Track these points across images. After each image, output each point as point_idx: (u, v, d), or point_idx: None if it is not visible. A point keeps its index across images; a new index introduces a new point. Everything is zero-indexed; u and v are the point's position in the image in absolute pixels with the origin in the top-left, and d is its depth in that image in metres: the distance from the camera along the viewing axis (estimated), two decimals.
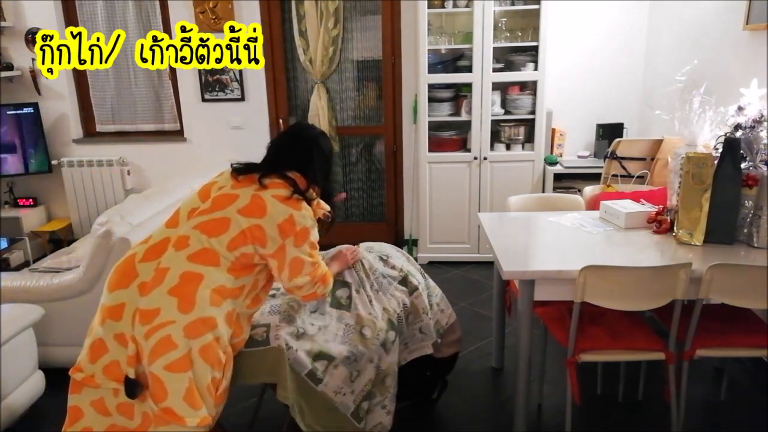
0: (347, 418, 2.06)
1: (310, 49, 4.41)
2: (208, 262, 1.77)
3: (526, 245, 2.40)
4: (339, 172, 4.83)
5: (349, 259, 2.27)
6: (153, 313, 1.70)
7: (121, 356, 1.74)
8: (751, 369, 2.87)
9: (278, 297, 2.20)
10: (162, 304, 1.71)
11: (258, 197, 1.82)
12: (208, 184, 1.96)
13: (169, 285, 1.73)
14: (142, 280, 1.77)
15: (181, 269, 1.75)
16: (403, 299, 2.32)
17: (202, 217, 1.83)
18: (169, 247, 1.81)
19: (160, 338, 1.68)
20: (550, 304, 2.44)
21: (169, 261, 1.78)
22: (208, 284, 1.75)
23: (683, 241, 2.32)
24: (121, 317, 1.74)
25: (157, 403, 1.71)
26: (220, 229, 1.80)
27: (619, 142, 3.55)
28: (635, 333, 2.23)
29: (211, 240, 1.79)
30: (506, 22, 4.04)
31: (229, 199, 1.84)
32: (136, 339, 1.71)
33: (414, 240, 4.64)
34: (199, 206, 1.88)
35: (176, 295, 1.72)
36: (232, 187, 1.87)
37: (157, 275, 1.76)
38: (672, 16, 3.86)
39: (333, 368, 2.02)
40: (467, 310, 3.60)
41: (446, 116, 4.19)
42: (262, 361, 1.96)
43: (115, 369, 1.75)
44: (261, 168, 1.91)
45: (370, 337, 2.14)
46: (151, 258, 1.80)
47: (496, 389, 2.79)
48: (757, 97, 2.28)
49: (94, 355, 1.77)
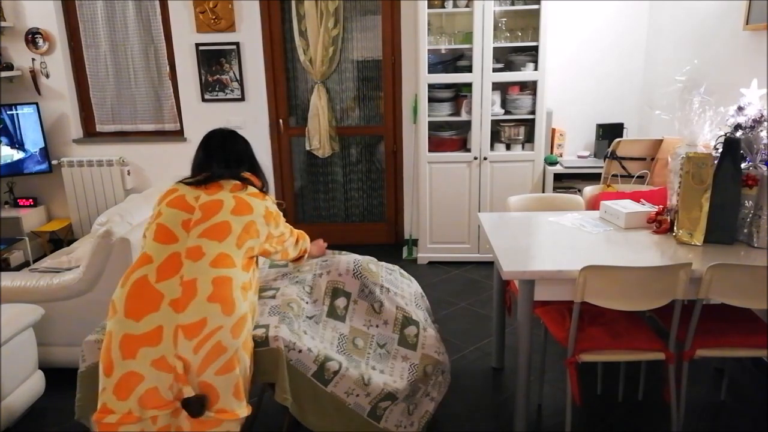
0: (361, 418, 2.07)
1: (310, 49, 4.41)
2: (229, 264, 1.85)
3: (526, 245, 2.40)
4: (339, 172, 4.83)
5: (323, 248, 2.55)
6: (200, 325, 1.71)
7: (159, 381, 1.69)
8: (751, 369, 2.87)
9: (278, 298, 2.20)
10: (207, 313, 1.73)
11: (239, 198, 1.97)
12: (177, 198, 1.96)
13: (206, 293, 1.75)
14: (172, 298, 1.74)
15: (210, 276, 1.79)
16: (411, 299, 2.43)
17: (202, 225, 1.88)
18: (183, 260, 1.81)
19: (212, 346, 1.71)
20: (550, 304, 2.44)
21: (191, 273, 1.78)
22: (237, 284, 1.84)
23: (683, 241, 2.32)
24: (161, 340, 1.70)
25: (210, 409, 1.73)
26: (225, 232, 1.89)
27: (619, 142, 3.55)
28: (635, 333, 2.23)
29: (222, 243, 1.87)
30: (506, 22, 4.04)
31: (217, 205, 1.93)
32: (181, 356, 1.69)
33: (414, 240, 4.64)
34: (189, 217, 1.90)
35: (217, 301, 1.76)
36: (210, 195, 1.95)
37: (187, 288, 1.76)
38: (672, 16, 3.86)
39: (344, 371, 2.04)
40: (467, 310, 3.61)
41: (446, 116, 4.19)
42: (261, 362, 1.96)
43: (153, 396, 1.69)
44: (221, 175, 2.02)
45: (362, 347, 2.17)
46: (169, 276, 1.78)
47: (496, 389, 2.79)
48: (757, 97, 2.29)
49: (125, 391, 1.69)
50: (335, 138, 4.61)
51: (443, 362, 2.34)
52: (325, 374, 2.01)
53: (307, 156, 4.76)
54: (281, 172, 4.78)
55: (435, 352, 2.30)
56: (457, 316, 3.54)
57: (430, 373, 2.26)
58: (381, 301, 2.35)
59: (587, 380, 2.75)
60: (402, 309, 2.36)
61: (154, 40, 4.56)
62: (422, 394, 2.24)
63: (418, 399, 2.23)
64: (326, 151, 4.60)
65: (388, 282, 2.43)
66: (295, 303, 2.17)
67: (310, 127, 4.56)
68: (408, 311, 2.37)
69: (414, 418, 2.22)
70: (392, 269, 2.57)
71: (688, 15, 3.63)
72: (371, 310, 2.34)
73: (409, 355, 2.26)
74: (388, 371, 2.17)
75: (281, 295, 2.21)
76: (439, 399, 2.33)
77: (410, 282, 2.59)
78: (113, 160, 4.60)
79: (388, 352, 2.24)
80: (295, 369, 1.98)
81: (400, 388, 2.12)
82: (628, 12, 4.22)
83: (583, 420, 2.53)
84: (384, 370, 2.16)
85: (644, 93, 4.30)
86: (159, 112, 4.75)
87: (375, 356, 2.20)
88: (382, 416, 2.11)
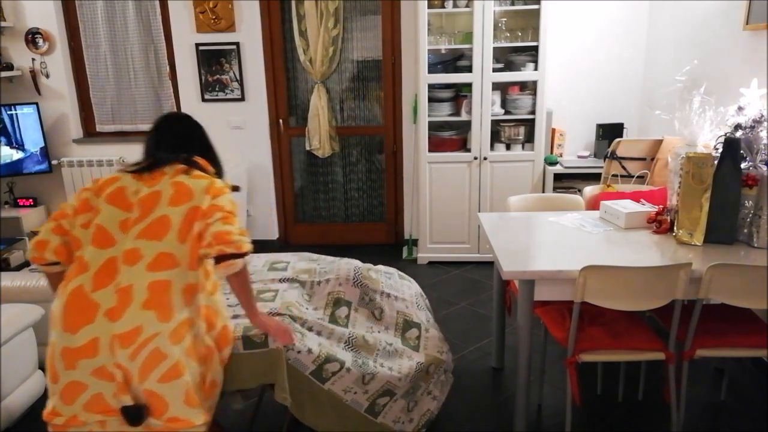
0: (358, 413, 2.08)
1: (310, 49, 4.41)
2: (169, 266, 1.72)
3: (526, 245, 2.40)
4: (339, 172, 4.83)
5: (279, 333, 1.96)
6: (135, 333, 1.64)
7: (103, 389, 1.67)
8: (751, 369, 2.87)
9: (277, 301, 2.20)
10: (141, 321, 1.65)
11: (178, 184, 1.81)
12: (116, 192, 1.82)
13: (141, 300, 1.67)
14: (107, 308, 1.67)
15: (146, 281, 1.69)
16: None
17: (140, 225, 1.76)
18: (119, 265, 1.71)
19: (149, 353, 1.65)
20: (550, 304, 2.44)
21: (128, 278, 1.69)
22: (177, 287, 1.72)
23: (683, 241, 2.32)
24: (98, 352, 1.65)
25: (159, 417, 1.69)
26: (165, 229, 1.75)
27: (619, 142, 3.55)
28: (635, 333, 2.23)
29: (162, 242, 1.73)
30: (506, 22, 4.03)
31: (154, 198, 1.79)
32: (120, 364, 1.65)
33: (414, 240, 4.64)
34: (127, 216, 1.78)
35: (152, 308, 1.67)
36: (149, 186, 1.81)
37: (122, 296, 1.67)
38: (672, 16, 3.86)
39: (345, 371, 2.04)
40: (467, 310, 3.61)
41: (446, 116, 4.19)
42: (261, 363, 1.97)
43: (97, 402, 1.68)
44: (166, 160, 1.87)
45: (373, 344, 2.19)
46: (105, 284, 1.69)
47: (496, 389, 2.79)
48: (757, 97, 2.28)
49: (69, 399, 1.68)
50: (335, 138, 4.61)
51: (446, 361, 2.34)
52: (323, 373, 2.02)
53: (307, 156, 4.76)
54: (281, 172, 4.78)
55: (438, 352, 2.31)
56: (457, 316, 3.54)
57: (432, 372, 2.26)
58: (381, 308, 2.36)
59: (587, 380, 2.75)
60: (402, 313, 2.37)
61: (154, 40, 4.56)
62: (423, 392, 2.25)
63: (418, 397, 2.23)
64: (326, 151, 4.60)
65: (389, 287, 2.44)
66: (294, 307, 2.17)
67: (310, 127, 4.56)
68: (409, 314, 2.37)
69: (414, 415, 2.22)
70: (390, 273, 2.57)
71: (688, 15, 3.63)
72: (372, 316, 2.35)
73: (413, 356, 2.26)
74: (396, 368, 2.17)
75: (280, 298, 2.22)
76: (442, 398, 2.33)
77: (410, 283, 2.59)
78: (113, 160, 4.60)
79: (396, 350, 2.25)
80: (293, 368, 1.98)
81: (401, 385, 2.13)
82: (628, 12, 4.22)
83: (583, 420, 2.53)
84: (392, 367, 2.17)
85: (644, 93, 4.30)
86: (159, 112, 4.74)
87: (384, 354, 2.21)
88: (380, 412, 2.12)
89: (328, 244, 4.87)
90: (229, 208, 1.80)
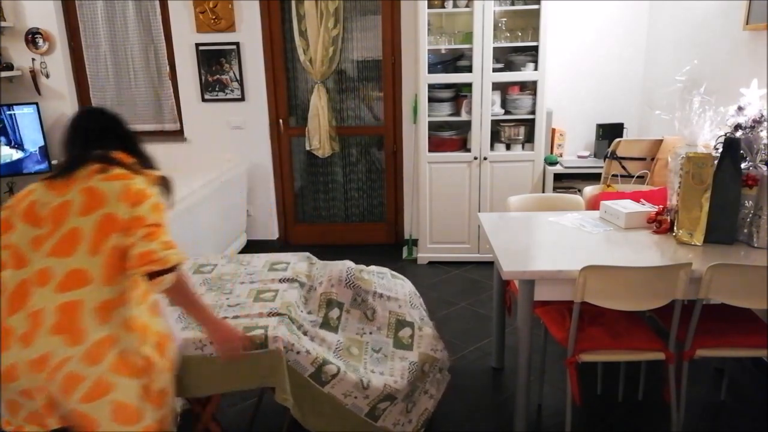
0: (358, 417, 2.07)
1: (310, 49, 4.41)
2: (80, 284, 1.62)
3: (526, 245, 2.40)
4: (339, 172, 4.83)
5: (223, 342, 1.86)
6: (43, 360, 1.57)
7: (35, 407, 1.63)
8: (751, 369, 2.87)
9: (277, 300, 2.20)
10: (49, 348, 1.57)
11: (87, 189, 1.68)
12: (29, 207, 1.71)
13: (49, 324, 1.59)
14: (20, 333, 1.59)
15: (54, 304, 1.60)
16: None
17: (50, 241, 1.65)
18: (31, 287, 1.63)
19: (63, 377, 1.57)
20: (550, 304, 2.44)
21: (38, 302, 1.61)
22: (89, 306, 1.61)
23: (683, 241, 2.32)
24: (18, 377, 1.59)
25: None
26: (75, 242, 1.64)
27: (619, 142, 3.55)
28: (635, 333, 2.23)
29: (72, 257, 1.63)
30: (506, 22, 4.03)
31: (64, 209, 1.67)
32: (43, 387, 1.59)
33: (414, 240, 4.64)
34: (38, 233, 1.67)
35: (59, 333, 1.58)
36: (59, 196, 1.69)
37: (33, 320, 1.60)
38: (672, 16, 3.86)
39: (343, 374, 2.04)
40: (467, 310, 3.61)
41: (446, 116, 4.19)
42: (260, 364, 1.96)
43: (35, 416, 1.65)
44: (80, 160, 1.74)
45: (358, 355, 2.18)
46: (17, 308, 1.62)
47: (496, 389, 2.79)
48: (757, 97, 2.28)
49: (14, 411, 1.66)
50: (335, 138, 4.61)
51: (440, 359, 2.34)
52: (323, 376, 2.01)
53: (307, 156, 4.76)
54: (281, 172, 4.78)
55: (432, 350, 2.30)
56: (457, 316, 3.54)
57: (428, 370, 2.26)
58: (374, 308, 2.36)
59: (587, 380, 2.75)
60: (395, 313, 2.37)
61: (154, 40, 4.56)
62: (420, 392, 2.25)
63: (416, 397, 2.23)
64: (326, 151, 4.60)
65: (381, 287, 2.43)
66: (292, 308, 2.17)
67: (310, 127, 4.56)
68: (401, 313, 2.37)
69: (412, 416, 2.22)
70: (383, 273, 2.56)
71: (688, 15, 3.63)
72: (364, 317, 2.35)
73: (407, 355, 2.26)
74: (388, 372, 2.17)
75: (280, 298, 2.22)
76: (439, 396, 2.33)
77: (403, 282, 2.58)
78: None
79: (384, 356, 2.25)
80: (293, 370, 1.98)
81: (401, 388, 2.13)
82: (628, 12, 4.22)
83: (583, 420, 2.53)
84: (384, 371, 2.17)
85: (644, 93, 4.30)
86: (159, 112, 4.75)
87: (372, 361, 2.21)
88: (381, 416, 2.12)
89: (328, 244, 4.87)
90: (151, 220, 1.66)
